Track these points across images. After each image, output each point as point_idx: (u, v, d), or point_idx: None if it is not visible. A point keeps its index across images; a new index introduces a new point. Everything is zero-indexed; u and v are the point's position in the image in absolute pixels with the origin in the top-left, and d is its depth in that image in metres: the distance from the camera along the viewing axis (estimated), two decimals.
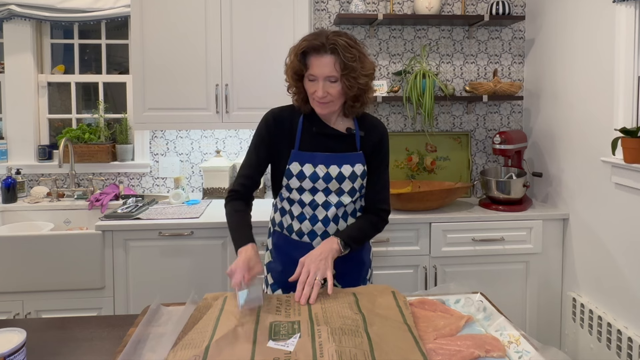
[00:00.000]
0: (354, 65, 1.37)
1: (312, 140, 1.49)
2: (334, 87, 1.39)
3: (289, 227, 1.54)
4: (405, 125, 2.82)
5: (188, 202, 2.51)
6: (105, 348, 1.14)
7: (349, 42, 1.37)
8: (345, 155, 1.48)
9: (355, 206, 1.54)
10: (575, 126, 2.33)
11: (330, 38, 1.36)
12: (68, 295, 2.14)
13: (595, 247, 2.19)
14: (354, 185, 1.48)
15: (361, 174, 1.49)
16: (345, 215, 1.52)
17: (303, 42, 1.40)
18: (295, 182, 1.47)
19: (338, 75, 1.38)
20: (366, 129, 1.52)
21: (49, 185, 2.70)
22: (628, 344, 1.93)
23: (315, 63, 1.38)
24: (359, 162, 1.49)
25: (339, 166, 1.46)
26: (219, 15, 2.39)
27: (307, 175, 1.46)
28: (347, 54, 1.35)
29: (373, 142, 1.52)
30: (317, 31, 1.42)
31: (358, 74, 1.38)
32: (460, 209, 2.44)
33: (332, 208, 1.48)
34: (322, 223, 1.49)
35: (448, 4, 2.79)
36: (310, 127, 1.50)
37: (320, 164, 1.46)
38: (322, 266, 1.32)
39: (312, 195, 1.48)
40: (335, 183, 1.46)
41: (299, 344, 1.02)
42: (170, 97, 2.41)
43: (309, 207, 1.49)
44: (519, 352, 1.05)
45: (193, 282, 2.19)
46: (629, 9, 1.95)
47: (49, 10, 2.64)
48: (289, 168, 1.47)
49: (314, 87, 1.40)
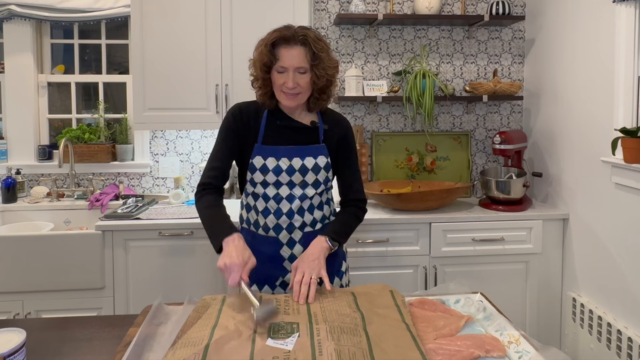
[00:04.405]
0: (323, 56, 1.42)
1: (276, 133, 1.51)
2: (303, 79, 1.42)
3: (255, 223, 1.53)
4: (405, 125, 2.82)
5: (188, 202, 2.51)
6: (105, 348, 1.14)
7: (317, 35, 1.43)
8: (308, 148, 1.49)
9: (322, 198, 1.55)
10: (575, 126, 2.32)
11: (300, 31, 1.41)
12: (68, 295, 2.14)
13: (595, 247, 2.19)
14: (317, 177, 1.50)
15: (325, 166, 1.51)
16: (312, 208, 1.52)
17: (273, 33, 1.43)
18: (258, 176, 1.48)
19: (308, 66, 1.41)
20: (330, 123, 1.55)
21: (49, 185, 2.70)
22: (628, 344, 1.93)
23: (285, 54, 1.40)
24: (322, 154, 1.50)
25: (301, 158, 1.47)
26: (219, 16, 2.39)
27: (270, 168, 1.46)
28: (316, 45, 1.40)
29: (338, 136, 1.55)
30: (285, 25, 1.45)
31: (326, 65, 1.43)
32: (460, 209, 2.44)
33: (297, 200, 1.48)
34: (287, 216, 1.49)
35: (448, 4, 2.79)
36: (274, 121, 1.51)
37: (283, 156, 1.47)
38: (316, 266, 1.33)
39: (276, 188, 1.48)
40: (298, 175, 1.47)
41: (298, 342, 1.02)
42: (170, 97, 2.41)
43: (272, 201, 1.49)
44: (519, 352, 1.05)
45: (193, 282, 2.19)
46: (629, 9, 1.95)
47: (49, 10, 2.64)
48: (252, 162, 1.48)
49: (283, 79, 1.42)
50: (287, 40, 1.40)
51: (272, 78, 1.45)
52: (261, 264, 1.43)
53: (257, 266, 1.48)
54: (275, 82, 1.44)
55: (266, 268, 1.49)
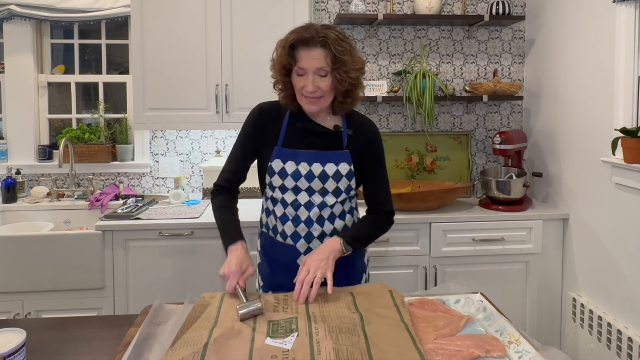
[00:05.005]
0: (345, 58, 1.32)
1: (297, 136, 1.43)
2: (324, 82, 1.34)
3: (273, 229, 1.49)
4: (405, 125, 2.82)
5: (188, 202, 2.51)
6: (105, 348, 1.14)
7: (339, 35, 1.33)
8: (329, 153, 1.41)
9: (344, 207, 1.47)
10: (576, 126, 2.32)
11: (320, 31, 1.31)
12: (68, 295, 2.14)
13: (595, 247, 2.19)
14: (338, 185, 1.42)
15: (347, 174, 1.42)
16: (332, 217, 1.45)
17: (292, 34, 1.34)
18: (277, 180, 1.42)
19: (328, 69, 1.32)
20: (355, 127, 1.46)
21: (49, 185, 2.70)
22: (628, 344, 1.93)
23: (304, 56, 1.32)
24: (344, 161, 1.42)
25: (322, 164, 1.40)
26: (219, 15, 2.39)
27: (289, 173, 1.40)
28: (338, 47, 1.31)
29: (362, 141, 1.46)
30: (306, 24, 1.37)
31: (349, 67, 1.34)
32: (460, 209, 2.44)
33: (315, 209, 1.42)
34: (305, 224, 1.43)
35: (448, 4, 2.79)
36: (295, 123, 1.44)
37: (302, 161, 1.40)
38: (323, 265, 1.29)
39: (295, 194, 1.42)
40: (318, 182, 1.40)
41: (297, 342, 1.02)
42: (170, 97, 2.41)
43: (291, 207, 1.43)
44: (519, 352, 1.05)
45: (193, 282, 2.19)
46: (629, 9, 1.95)
47: (49, 10, 2.64)
48: (271, 165, 1.42)
49: (302, 82, 1.34)
50: (305, 42, 1.32)
51: (292, 81, 1.38)
52: (276, 272, 1.43)
53: (271, 274, 1.50)
54: (296, 85, 1.37)
55: (281, 277, 1.45)
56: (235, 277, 1.26)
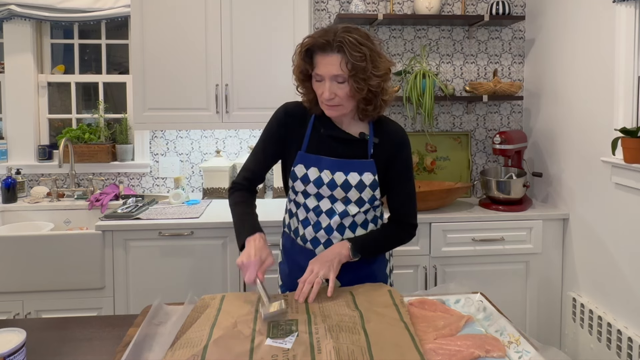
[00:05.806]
0: (363, 65, 1.25)
1: (321, 142, 1.39)
2: (341, 89, 1.28)
3: (295, 231, 1.47)
4: (405, 125, 2.82)
5: (188, 202, 2.51)
6: (105, 348, 1.14)
7: (359, 39, 1.25)
8: (353, 162, 1.36)
9: (367, 217, 1.43)
10: (576, 126, 2.32)
11: (338, 35, 1.24)
12: (68, 295, 2.14)
13: (595, 247, 2.19)
14: (361, 195, 1.37)
15: (371, 184, 1.36)
16: (354, 226, 1.41)
17: (308, 39, 1.30)
18: (299, 185, 1.39)
19: (346, 76, 1.26)
20: (382, 135, 1.40)
21: (49, 185, 2.70)
22: (628, 344, 1.93)
23: (321, 62, 1.27)
24: (368, 170, 1.36)
25: (345, 173, 1.35)
26: (219, 15, 2.39)
27: (312, 179, 1.37)
28: (354, 52, 1.23)
29: (389, 150, 1.39)
30: (327, 27, 1.30)
31: (369, 74, 1.26)
32: (460, 209, 2.44)
33: (336, 217, 1.38)
34: (325, 231, 1.40)
35: (448, 4, 2.79)
36: (319, 128, 1.40)
37: (325, 169, 1.36)
38: (327, 267, 1.28)
39: (317, 201, 1.39)
40: (340, 191, 1.36)
41: (297, 341, 1.02)
42: (170, 97, 2.41)
43: (312, 213, 1.40)
44: (519, 352, 1.05)
45: (193, 282, 2.19)
46: (629, 9, 1.95)
47: (49, 10, 2.64)
48: (294, 170, 1.39)
49: (320, 88, 1.30)
50: (321, 48, 1.26)
51: (312, 86, 1.34)
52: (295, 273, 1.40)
53: (289, 276, 1.48)
54: (315, 90, 1.33)
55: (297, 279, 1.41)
56: (255, 268, 1.22)
